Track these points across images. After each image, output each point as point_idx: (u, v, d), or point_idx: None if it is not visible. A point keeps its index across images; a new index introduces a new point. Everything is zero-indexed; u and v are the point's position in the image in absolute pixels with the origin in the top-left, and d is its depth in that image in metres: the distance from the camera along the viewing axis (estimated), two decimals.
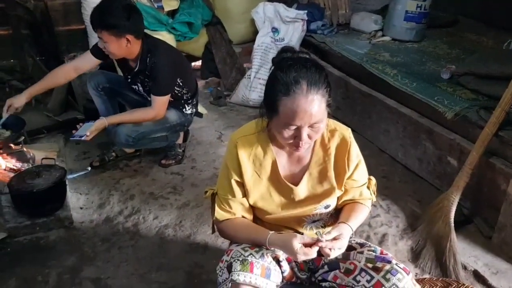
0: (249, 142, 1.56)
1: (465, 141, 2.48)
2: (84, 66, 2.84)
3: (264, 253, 1.50)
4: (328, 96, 1.39)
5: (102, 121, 2.68)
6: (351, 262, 1.56)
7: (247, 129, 1.60)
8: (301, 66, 1.36)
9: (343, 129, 1.59)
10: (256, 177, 1.57)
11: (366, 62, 3.29)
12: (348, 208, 1.65)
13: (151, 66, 2.65)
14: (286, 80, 1.35)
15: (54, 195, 2.38)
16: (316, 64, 1.40)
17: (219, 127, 3.53)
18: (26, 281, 2.07)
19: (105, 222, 2.47)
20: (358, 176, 1.62)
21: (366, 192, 1.67)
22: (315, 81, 1.35)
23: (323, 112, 1.38)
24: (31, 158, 2.71)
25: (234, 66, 4.15)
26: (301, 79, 1.34)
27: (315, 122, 1.37)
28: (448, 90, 2.79)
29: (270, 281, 1.47)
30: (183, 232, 2.40)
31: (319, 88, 1.35)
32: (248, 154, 1.55)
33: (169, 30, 3.83)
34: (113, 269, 2.15)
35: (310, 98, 1.33)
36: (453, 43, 3.71)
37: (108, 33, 2.48)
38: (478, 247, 2.30)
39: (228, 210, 1.60)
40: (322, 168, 1.58)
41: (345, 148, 1.56)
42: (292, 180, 1.59)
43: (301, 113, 1.34)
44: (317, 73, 1.36)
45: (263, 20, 3.96)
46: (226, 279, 1.46)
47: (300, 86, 1.33)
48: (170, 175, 2.90)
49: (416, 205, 2.60)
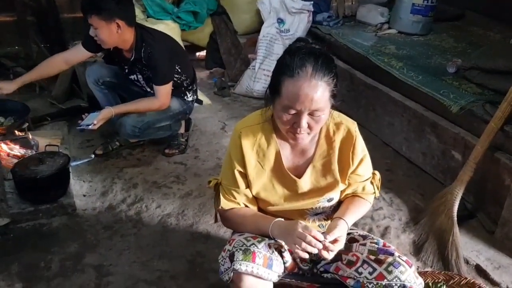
0: (253, 133, 1.55)
1: (470, 135, 2.48)
2: (75, 59, 2.86)
3: (266, 243, 1.50)
4: (333, 86, 1.38)
5: (108, 110, 2.69)
6: (354, 254, 1.55)
7: (252, 119, 1.60)
8: (310, 52, 1.36)
9: (349, 123, 1.57)
10: (259, 167, 1.57)
11: (372, 55, 3.27)
12: (347, 202, 1.65)
13: (148, 55, 2.64)
14: (292, 62, 1.34)
15: (57, 182, 2.38)
16: (326, 54, 1.39)
17: (222, 117, 3.53)
18: (29, 266, 2.08)
19: (108, 210, 2.47)
20: (362, 171, 1.61)
21: (369, 186, 1.67)
22: (321, 68, 1.34)
23: (326, 101, 1.37)
24: (35, 145, 2.71)
25: (238, 57, 4.14)
26: (307, 63, 1.33)
27: (316, 110, 1.36)
28: (454, 84, 2.77)
29: (272, 271, 1.47)
30: (186, 221, 2.40)
31: (324, 75, 1.34)
32: (252, 145, 1.55)
33: (174, 19, 3.82)
34: (115, 257, 2.15)
35: (313, 82, 1.33)
36: (460, 37, 3.68)
37: (97, 17, 2.48)
38: (480, 241, 2.30)
39: (233, 200, 1.60)
40: (326, 161, 1.57)
41: (351, 142, 1.55)
42: (296, 172, 1.58)
43: (302, 96, 1.33)
44: (325, 62, 1.36)
45: (268, 11, 3.94)
46: (228, 268, 1.46)
47: (305, 69, 1.33)
48: (173, 165, 2.91)
49: (419, 199, 2.59)
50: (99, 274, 2.05)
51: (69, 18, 3.91)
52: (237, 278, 1.44)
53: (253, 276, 1.43)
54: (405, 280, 1.42)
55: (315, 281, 1.65)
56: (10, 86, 2.69)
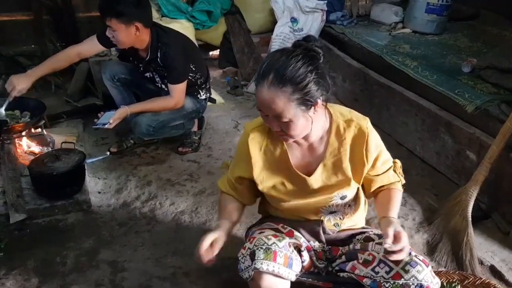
0: (261, 133, 1.58)
1: (485, 135, 2.45)
2: (88, 52, 2.88)
3: (287, 242, 1.51)
4: (300, 96, 1.33)
5: (124, 109, 2.71)
6: (370, 253, 1.55)
7: (260, 120, 1.58)
8: (283, 56, 1.34)
9: (360, 119, 1.55)
10: (268, 167, 1.59)
11: (386, 54, 3.25)
12: (382, 199, 1.63)
13: (164, 55, 2.66)
14: (262, 67, 1.36)
15: (73, 178, 2.41)
16: (306, 59, 1.34)
17: (235, 116, 3.54)
18: (45, 262, 2.11)
19: (122, 206, 2.50)
20: (382, 164, 1.60)
21: (393, 176, 1.65)
22: (284, 75, 1.31)
23: (288, 109, 1.34)
24: (51, 142, 2.75)
25: (252, 56, 4.15)
26: (272, 70, 1.33)
27: (279, 116, 1.36)
28: (469, 83, 2.75)
29: (292, 270, 1.48)
30: (199, 219, 2.42)
31: (286, 83, 1.31)
32: (260, 146, 1.57)
33: (188, 19, 3.84)
34: (129, 253, 2.18)
35: (272, 89, 1.32)
36: (475, 36, 3.65)
37: (117, 20, 2.49)
38: (495, 242, 2.28)
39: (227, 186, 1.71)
40: (337, 159, 1.56)
41: (363, 139, 1.53)
42: (306, 170, 1.58)
43: (261, 101, 1.36)
44: (295, 68, 1.32)
45: (282, 10, 3.94)
46: (248, 266, 1.47)
47: (267, 76, 1.33)
48: (187, 163, 2.92)
49: (433, 199, 2.58)
50: (114, 270, 2.08)
51: (84, 17, 3.96)
52: (258, 277, 1.44)
53: (273, 275, 1.44)
54: (422, 279, 1.41)
55: (330, 280, 1.65)
56: (25, 83, 2.63)
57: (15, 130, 2.67)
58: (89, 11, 3.91)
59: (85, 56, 2.95)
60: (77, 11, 3.83)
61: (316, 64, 1.35)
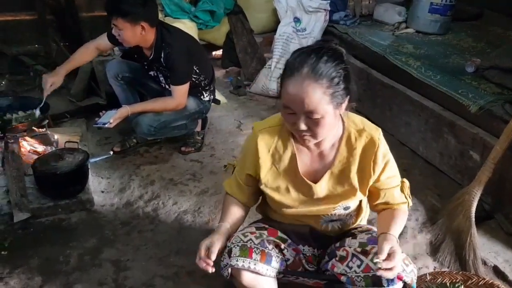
0: (270, 135, 1.54)
1: (489, 135, 2.44)
2: (104, 47, 2.93)
3: (264, 239, 1.52)
4: (337, 89, 1.32)
5: (125, 109, 2.72)
6: (344, 249, 1.53)
7: (271, 121, 1.57)
8: (313, 52, 1.32)
9: (372, 130, 1.51)
10: (274, 170, 1.55)
11: (389, 54, 3.25)
12: (384, 217, 1.58)
13: (166, 56, 2.66)
14: (292, 62, 1.32)
15: (76, 178, 2.42)
16: (336, 56, 1.33)
17: (238, 116, 3.54)
18: (48, 260, 2.11)
19: (125, 206, 2.50)
20: (387, 178, 1.55)
21: (399, 195, 1.59)
22: (320, 69, 1.29)
23: (323, 104, 1.30)
24: (55, 141, 2.76)
25: (254, 56, 4.14)
26: (305, 63, 1.29)
27: (310, 112, 1.30)
28: (473, 83, 2.74)
29: (270, 267, 1.48)
30: (202, 218, 2.42)
31: (321, 76, 1.29)
32: (268, 147, 1.53)
33: (191, 18, 3.85)
34: (132, 252, 2.18)
35: (306, 83, 1.28)
36: (478, 36, 3.64)
37: (123, 20, 2.51)
38: (498, 243, 2.27)
39: (233, 188, 1.68)
40: (345, 168, 1.52)
41: (372, 150, 1.49)
42: (312, 177, 1.55)
43: (293, 96, 1.30)
44: (328, 63, 1.30)
45: (285, 10, 3.93)
46: (227, 264, 1.48)
47: (301, 69, 1.29)
48: (190, 162, 2.93)
49: (436, 199, 2.57)
50: (117, 269, 2.08)
51: (87, 17, 3.97)
52: (236, 274, 1.46)
53: (250, 271, 1.44)
54: None
55: (318, 278, 1.64)
56: (58, 79, 2.78)
57: (18, 129, 2.68)
58: (92, 11, 3.92)
59: (102, 50, 2.99)
60: (80, 11, 3.84)
61: (344, 62, 1.35)
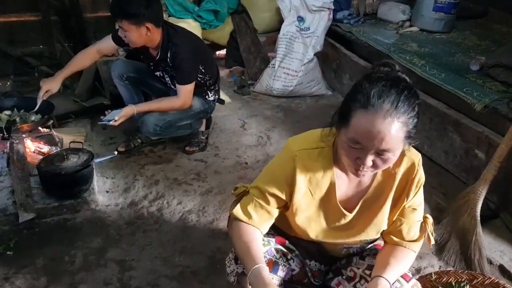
0: (310, 158, 1.38)
1: (494, 133, 2.44)
2: (106, 49, 2.93)
3: (272, 247, 1.49)
4: (412, 126, 1.20)
5: (130, 108, 2.73)
6: (351, 269, 1.51)
7: (309, 141, 1.42)
8: (392, 83, 1.18)
9: (413, 155, 1.39)
10: (309, 196, 1.42)
11: (394, 52, 3.24)
12: (387, 252, 1.46)
13: (173, 55, 2.67)
14: (369, 92, 1.17)
15: (81, 178, 2.42)
16: (411, 89, 1.20)
17: (242, 115, 3.54)
18: (53, 260, 2.12)
19: (130, 206, 2.51)
20: (411, 207, 1.44)
21: (415, 233, 1.46)
22: (401, 105, 1.16)
23: (398, 142, 1.19)
24: (60, 142, 2.76)
25: (258, 55, 4.14)
26: (386, 96, 1.16)
27: (385, 150, 1.18)
28: (478, 81, 2.73)
29: (276, 275, 1.46)
30: (206, 218, 2.42)
31: (403, 113, 1.16)
32: (306, 171, 1.39)
33: (195, 18, 3.85)
34: (137, 252, 2.19)
35: (388, 120, 1.14)
36: (483, 34, 3.63)
37: (128, 22, 2.51)
38: (504, 242, 2.27)
39: (247, 214, 1.44)
40: (380, 195, 1.42)
41: (411, 175, 1.39)
42: (346, 205, 1.44)
43: (373, 133, 1.15)
44: (407, 98, 1.17)
45: (288, 9, 3.92)
46: (233, 270, 1.46)
47: (382, 103, 1.15)
48: (194, 162, 2.93)
49: (441, 198, 2.56)
50: (122, 269, 2.09)
51: (91, 17, 3.98)
52: (242, 281, 1.44)
53: None
54: None
55: None
56: (56, 85, 2.78)
57: (23, 130, 2.69)
58: (96, 12, 3.92)
59: (105, 53, 3.00)
60: (84, 11, 3.84)
61: (418, 98, 1.23)
